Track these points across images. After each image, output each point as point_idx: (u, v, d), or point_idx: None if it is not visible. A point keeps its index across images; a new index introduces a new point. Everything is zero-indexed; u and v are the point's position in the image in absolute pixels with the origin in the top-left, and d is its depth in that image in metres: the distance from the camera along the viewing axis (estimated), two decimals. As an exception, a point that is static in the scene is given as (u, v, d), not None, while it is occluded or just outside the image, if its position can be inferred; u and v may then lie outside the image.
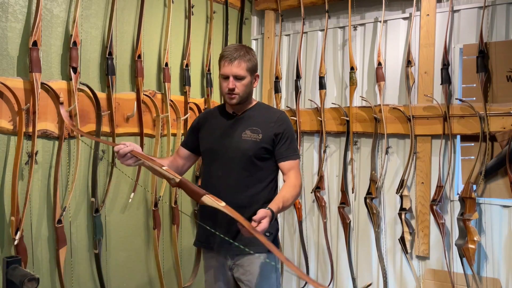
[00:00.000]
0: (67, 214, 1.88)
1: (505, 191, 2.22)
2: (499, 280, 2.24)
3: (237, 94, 1.67)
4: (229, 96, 1.68)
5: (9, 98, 1.63)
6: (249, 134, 1.72)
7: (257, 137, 1.70)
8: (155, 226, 2.27)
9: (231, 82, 1.65)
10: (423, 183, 2.44)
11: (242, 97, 1.69)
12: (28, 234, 1.71)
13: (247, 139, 1.70)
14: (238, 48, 1.70)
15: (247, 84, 1.69)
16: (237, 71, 1.65)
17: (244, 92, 1.69)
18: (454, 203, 2.38)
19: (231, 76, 1.65)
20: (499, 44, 2.25)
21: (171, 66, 2.38)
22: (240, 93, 1.68)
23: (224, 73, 1.68)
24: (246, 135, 1.71)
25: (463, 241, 2.23)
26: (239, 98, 1.69)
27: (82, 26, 1.93)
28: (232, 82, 1.65)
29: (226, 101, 1.73)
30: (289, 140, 1.73)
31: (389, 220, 2.60)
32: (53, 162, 1.82)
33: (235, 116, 1.75)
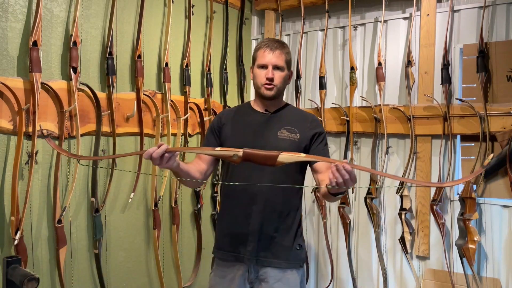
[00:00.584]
0: (67, 214, 1.88)
1: (505, 191, 2.22)
2: (499, 280, 2.24)
3: (275, 86, 1.60)
4: (267, 86, 1.59)
5: (9, 98, 1.63)
6: (286, 133, 1.63)
7: (295, 136, 1.62)
8: (155, 226, 2.27)
9: (271, 71, 1.58)
10: (423, 183, 2.45)
11: (279, 89, 1.62)
12: (28, 234, 1.71)
13: (284, 138, 1.61)
14: (278, 40, 1.66)
15: (285, 77, 1.63)
16: (277, 61, 1.59)
17: (281, 85, 1.62)
18: (454, 203, 2.38)
19: (270, 66, 1.58)
20: (499, 44, 2.25)
21: (171, 66, 2.38)
22: (278, 85, 1.61)
23: (263, 62, 1.60)
24: (282, 134, 1.62)
25: (463, 241, 2.23)
26: (276, 90, 1.61)
27: (82, 26, 1.93)
28: (271, 72, 1.58)
29: (261, 93, 1.63)
30: (325, 141, 1.67)
31: (389, 220, 2.60)
32: (53, 162, 1.82)
33: (268, 114, 1.66)
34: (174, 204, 2.41)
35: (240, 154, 1.30)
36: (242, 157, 1.30)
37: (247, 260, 1.61)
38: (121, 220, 2.15)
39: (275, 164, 1.29)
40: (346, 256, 2.70)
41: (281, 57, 1.60)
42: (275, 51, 1.59)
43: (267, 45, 1.61)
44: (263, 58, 1.60)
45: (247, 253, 1.60)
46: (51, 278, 1.82)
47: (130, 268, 2.20)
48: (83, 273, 1.97)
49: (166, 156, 1.35)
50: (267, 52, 1.60)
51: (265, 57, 1.60)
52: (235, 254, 1.63)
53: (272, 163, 1.29)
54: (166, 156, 1.35)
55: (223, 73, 2.79)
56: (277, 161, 1.28)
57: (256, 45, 1.68)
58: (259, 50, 1.63)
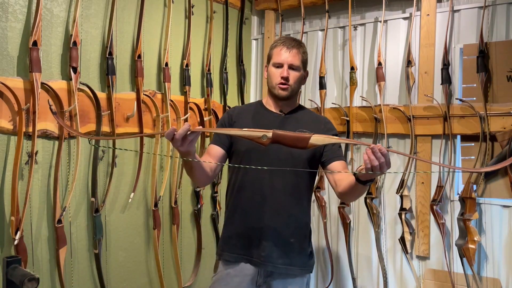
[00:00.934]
0: (67, 214, 1.88)
1: (505, 191, 2.22)
2: (499, 280, 2.24)
3: (289, 86, 1.54)
4: (281, 86, 1.54)
5: (9, 98, 1.63)
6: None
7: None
8: (155, 226, 2.27)
9: (286, 70, 1.53)
10: (423, 183, 2.44)
11: (294, 90, 1.57)
12: (28, 234, 1.71)
13: None
14: (295, 39, 1.61)
15: (300, 77, 1.58)
16: (293, 61, 1.54)
17: (296, 85, 1.57)
18: (454, 203, 2.38)
19: (286, 64, 1.53)
20: (500, 44, 2.25)
21: (171, 66, 2.38)
22: (293, 85, 1.55)
23: (279, 61, 1.55)
24: None
25: (463, 241, 2.23)
26: (291, 91, 1.55)
27: (82, 26, 1.93)
28: (286, 71, 1.53)
29: (275, 93, 1.58)
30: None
31: (389, 220, 2.59)
32: (53, 162, 1.81)
33: (282, 115, 1.61)
34: (174, 204, 2.41)
35: (269, 135, 1.23)
36: (271, 138, 1.24)
37: (258, 263, 1.55)
38: (121, 220, 2.15)
39: (306, 146, 1.22)
40: (346, 256, 2.70)
41: (298, 56, 1.55)
42: (292, 50, 1.54)
43: (283, 44, 1.56)
44: (278, 57, 1.55)
45: (261, 257, 1.54)
46: (51, 278, 1.82)
47: (130, 268, 2.20)
48: (83, 273, 1.97)
49: (188, 138, 1.26)
50: (284, 50, 1.55)
51: (281, 56, 1.55)
52: (247, 257, 1.57)
53: (304, 145, 1.23)
54: (189, 138, 1.26)
55: (223, 73, 2.79)
56: (309, 143, 1.22)
57: (273, 43, 1.63)
58: (275, 48, 1.58)
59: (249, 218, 1.57)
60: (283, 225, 1.56)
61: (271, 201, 1.54)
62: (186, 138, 1.25)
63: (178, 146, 1.26)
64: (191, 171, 1.44)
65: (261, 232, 1.55)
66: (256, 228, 1.55)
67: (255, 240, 1.55)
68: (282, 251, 1.54)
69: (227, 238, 1.64)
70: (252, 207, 1.57)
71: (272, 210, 1.54)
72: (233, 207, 1.63)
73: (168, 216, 2.42)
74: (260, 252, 1.54)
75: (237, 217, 1.61)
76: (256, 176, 1.55)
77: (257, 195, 1.55)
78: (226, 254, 1.62)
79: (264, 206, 1.55)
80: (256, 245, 1.55)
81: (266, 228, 1.54)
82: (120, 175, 2.12)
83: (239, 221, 1.60)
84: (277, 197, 1.54)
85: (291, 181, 1.55)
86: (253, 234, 1.55)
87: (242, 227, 1.58)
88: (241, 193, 1.59)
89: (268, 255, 1.54)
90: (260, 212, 1.56)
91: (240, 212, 1.60)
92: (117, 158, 2.07)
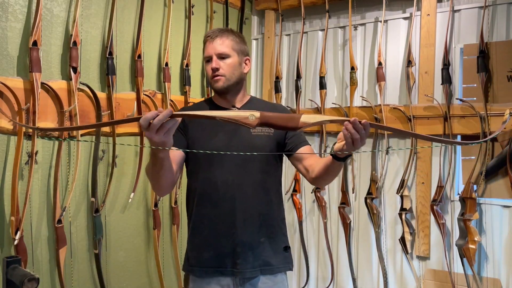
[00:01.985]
0: (67, 214, 1.88)
1: (505, 191, 2.22)
2: (500, 280, 2.24)
3: (222, 76, 1.43)
4: (214, 79, 1.43)
5: (9, 98, 1.63)
6: (259, 128, 1.45)
7: (269, 130, 1.47)
8: (155, 226, 2.27)
9: (214, 61, 1.42)
10: (424, 183, 2.44)
11: (230, 80, 1.44)
12: (28, 234, 1.71)
13: (259, 134, 1.46)
14: (222, 29, 1.51)
15: (234, 64, 1.45)
16: (220, 49, 1.43)
17: (231, 74, 1.44)
18: (455, 203, 2.38)
19: (213, 55, 1.43)
20: (500, 44, 2.25)
21: (171, 66, 2.38)
22: (227, 75, 1.43)
23: (206, 54, 1.45)
24: (256, 130, 1.45)
25: (463, 241, 2.23)
26: (226, 81, 1.43)
27: (82, 26, 1.93)
28: (215, 62, 1.42)
29: (213, 88, 1.47)
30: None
31: (390, 220, 2.59)
32: (53, 162, 1.81)
33: (236, 109, 1.48)
34: (174, 204, 2.41)
35: (257, 115, 1.13)
36: (259, 118, 1.14)
37: (234, 273, 1.44)
38: (121, 220, 2.15)
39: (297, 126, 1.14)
40: (346, 256, 2.69)
41: (225, 43, 1.44)
42: (215, 39, 1.44)
43: (207, 36, 1.46)
44: (206, 51, 1.46)
45: (236, 265, 1.43)
46: (51, 278, 1.82)
47: (130, 268, 2.20)
48: (83, 273, 1.96)
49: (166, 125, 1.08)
50: (208, 42, 1.45)
51: (207, 49, 1.45)
52: (220, 269, 1.45)
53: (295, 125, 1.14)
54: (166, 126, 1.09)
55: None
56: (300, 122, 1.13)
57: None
58: (204, 45, 1.49)
59: (218, 225, 1.45)
60: (256, 226, 1.46)
61: (240, 203, 1.43)
62: (163, 125, 1.08)
63: (153, 134, 1.09)
64: (158, 173, 1.28)
65: (233, 238, 1.43)
66: (228, 235, 1.43)
67: (227, 249, 1.44)
68: (258, 253, 1.45)
69: (195, 251, 1.49)
70: (220, 213, 1.45)
71: (243, 213, 1.44)
72: (198, 216, 1.49)
73: (168, 216, 2.42)
74: (234, 260, 1.43)
75: (204, 226, 1.47)
76: (220, 179, 1.43)
77: (224, 199, 1.43)
78: (196, 269, 1.48)
79: (233, 210, 1.44)
80: (229, 253, 1.43)
81: (239, 233, 1.43)
82: (120, 175, 2.12)
83: (207, 230, 1.46)
84: (246, 198, 1.44)
85: (258, 179, 1.46)
86: (225, 242, 1.44)
87: (212, 236, 1.45)
88: (206, 200, 1.46)
89: (244, 261, 1.43)
90: (230, 217, 1.44)
91: (207, 220, 1.46)
92: (117, 158, 2.07)
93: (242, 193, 1.43)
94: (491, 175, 2.25)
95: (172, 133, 1.12)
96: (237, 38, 1.49)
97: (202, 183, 1.46)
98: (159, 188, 1.39)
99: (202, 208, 1.48)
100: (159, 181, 1.34)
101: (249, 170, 1.44)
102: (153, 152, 1.19)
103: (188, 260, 1.51)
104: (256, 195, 1.46)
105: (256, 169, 1.46)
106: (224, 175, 1.44)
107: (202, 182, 1.46)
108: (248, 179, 1.45)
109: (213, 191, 1.45)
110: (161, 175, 1.30)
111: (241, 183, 1.44)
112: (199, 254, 1.48)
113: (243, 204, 1.44)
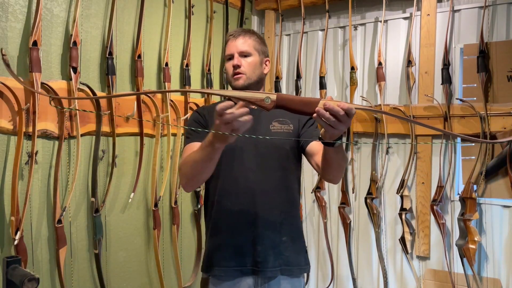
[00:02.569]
0: (67, 214, 1.88)
1: (505, 191, 2.22)
2: (500, 280, 2.24)
3: (243, 74, 1.45)
4: (235, 76, 1.45)
5: (9, 98, 1.63)
6: (278, 125, 1.47)
7: (289, 128, 1.47)
8: (155, 226, 2.27)
9: (236, 58, 1.46)
10: (424, 183, 2.44)
11: (250, 78, 1.46)
12: (28, 234, 1.71)
13: (278, 131, 1.46)
14: (245, 29, 1.56)
15: (255, 63, 1.48)
16: (242, 47, 1.47)
17: (251, 73, 1.46)
18: (455, 203, 2.38)
19: (235, 53, 1.46)
20: (500, 44, 2.25)
21: (171, 66, 2.37)
22: (247, 73, 1.45)
23: (228, 52, 1.49)
24: (275, 127, 1.46)
25: (463, 241, 2.23)
26: (246, 79, 1.45)
27: (82, 25, 1.93)
28: (237, 59, 1.46)
29: (233, 86, 1.49)
30: (315, 124, 1.49)
31: (390, 220, 2.59)
32: (53, 162, 1.81)
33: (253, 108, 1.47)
34: (174, 204, 2.41)
35: (273, 98, 1.09)
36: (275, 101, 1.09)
37: (255, 271, 1.43)
38: (121, 220, 2.15)
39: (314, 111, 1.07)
40: (346, 256, 2.70)
41: (247, 42, 1.48)
42: (238, 38, 1.48)
43: (230, 35, 1.51)
44: (228, 49, 1.49)
45: (257, 264, 1.42)
46: (51, 278, 1.82)
47: (130, 268, 2.20)
48: (83, 273, 1.96)
49: (235, 124, 1.07)
50: (230, 41, 1.49)
51: (230, 47, 1.49)
52: (241, 268, 1.43)
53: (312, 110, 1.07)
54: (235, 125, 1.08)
55: (223, 73, 2.79)
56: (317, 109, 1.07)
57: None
58: (226, 44, 1.52)
59: (239, 223, 1.44)
60: (277, 224, 1.46)
61: (262, 200, 1.43)
62: (233, 123, 1.08)
63: (222, 125, 1.08)
64: (207, 165, 1.27)
65: (254, 236, 1.42)
66: (248, 233, 1.43)
67: (248, 247, 1.43)
68: (278, 252, 1.44)
69: (214, 250, 1.48)
70: (241, 211, 1.44)
71: (264, 211, 1.43)
72: (218, 214, 1.48)
73: (168, 216, 2.42)
74: (255, 259, 1.42)
75: (224, 225, 1.46)
76: (240, 176, 1.43)
77: (244, 196, 1.43)
78: (216, 269, 1.46)
79: (254, 208, 1.43)
80: (249, 252, 1.42)
81: (260, 231, 1.42)
82: (120, 175, 2.12)
83: (227, 229, 1.46)
84: (267, 195, 1.43)
85: (279, 176, 1.45)
86: (245, 241, 1.43)
87: (232, 235, 1.44)
88: (226, 198, 1.46)
89: (265, 259, 1.42)
90: (250, 215, 1.43)
91: (227, 218, 1.46)
92: (117, 158, 2.07)
93: (262, 189, 1.42)
94: (491, 175, 2.25)
95: (240, 132, 1.10)
96: (258, 38, 1.53)
97: (222, 180, 1.45)
98: (197, 181, 1.36)
99: (222, 205, 1.47)
100: (202, 174, 1.32)
101: (270, 167, 1.43)
102: (211, 142, 1.17)
103: (207, 260, 1.50)
104: (276, 192, 1.46)
105: (276, 166, 1.44)
106: (244, 171, 1.43)
107: (223, 179, 1.44)
108: (269, 176, 1.44)
109: (233, 187, 1.44)
110: (208, 167, 1.28)
111: (262, 180, 1.43)
112: (217, 253, 1.46)
113: (264, 200, 1.42)
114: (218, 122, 1.09)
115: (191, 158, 1.31)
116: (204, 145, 1.22)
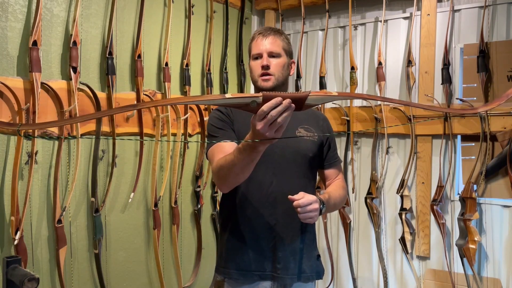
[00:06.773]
0: (67, 214, 1.88)
1: (505, 191, 2.22)
2: (500, 280, 2.24)
3: (272, 75, 1.41)
4: (264, 77, 1.41)
5: (9, 98, 1.63)
6: (304, 132, 1.45)
7: (314, 137, 1.47)
8: (155, 226, 2.27)
9: (265, 58, 1.41)
10: (424, 183, 2.44)
11: (278, 79, 1.42)
12: (28, 234, 1.71)
13: (304, 138, 1.45)
14: (272, 27, 1.50)
15: (284, 65, 1.44)
16: (272, 47, 1.42)
17: (280, 74, 1.43)
18: (455, 203, 2.38)
19: (264, 53, 1.42)
20: (500, 43, 2.25)
21: (171, 66, 2.37)
22: (276, 74, 1.41)
23: (257, 51, 1.43)
24: (301, 133, 1.44)
25: (463, 241, 2.23)
26: (274, 81, 1.41)
27: (82, 25, 1.93)
28: (266, 59, 1.41)
29: (259, 86, 1.44)
30: (334, 141, 1.53)
31: (390, 220, 2.59)
32: (53, 162, 1.81)
33: None
34: (174, 204, 2.41)
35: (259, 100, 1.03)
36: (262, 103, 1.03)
37: (274, 277, 1.42)
38: (121, 220, 2.15)
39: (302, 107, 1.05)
40: (346, 256, 2.69)
41: (276, 42, 1.44)
42: (268, 37, 1.43)
43: (259, 33, 1.46)
44: (255, 47, 1.45)
45: (277, 270, 1.41)
46: (51, 278, 1.82)
47: (130, 268, 2.20)
48: (83, 273, 1.96)
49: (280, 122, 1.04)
50: (260, 39, 1.44)
51: (259, 45, 1.44)
52: (260, 273, 1.42)
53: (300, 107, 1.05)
54: (280, 122, 1.04)
55: (223, 73, 2.79)
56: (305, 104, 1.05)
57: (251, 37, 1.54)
58: (253, 41, 1.48)
59: (260, 228, 1.42)
60: (297, 231, 1.45)
61: (283, 206, 1.40)
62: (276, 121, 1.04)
63: (266, 128, 1.04)
64: (249, 167, 1.23)
65: (274, 242, 1.42)
66: (269, 238, 1.41)
67: (268, 252, 1.42)
68: (298, 259, 1.45)
69: (232, 253, 1.45)
70: (263, 216, 1.42)
71: (286, 216, 1.42)
72: (238, 216, 1.46)
73: (168, 216, 2.42)
74: (275, 265, 1.41)
75: (244, 227, 1.44)
76: (263, 181, 1.42)
77: (268, 201, 1.42)
78: (233, 272, 1.44)
79: (276, 213, 1.42)
80: (269, 257, 1.41)
81: (280, 237, 1.42)
82: (120, 175, 2.11)
83: (247, 232, 1.44)
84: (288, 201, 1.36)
85: (299, 183, 1.44)
86: (266, 246, 1.42)
87: (252, 238, 1.43)
88: (247, 201, 1.44)
89: (285, 266, 1.42)
90: (271, 219, 1.42)
91: (248, 221, 1.44)
92: (117, 158, 2.07)
93: (284, 195, 1.37)
94: (491, 175, 2.25)
95: (283, 129, 1.06)
96: (286, 39, 1.50)
97: (246, 182, 1.37)
98: (235, 182, 1.33)
99: (244, 209, 1.45)
100: (242, 176, 1.29)
101: (292, 173, 1.42)
102: (253, 145, 1.12)
103: (224, 263, 1.47)
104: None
105: (299, 173, 1.44)
106: (267, 175, 1.42)
107: (247, 181, 1.36)
108: (291, 183, 1.42)
109: (255, 191, 1.43)
110: (249, 169, 1.25)
111: (284, 186, 1.41)
112: (236, 256, 1.44)
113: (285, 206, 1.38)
114: (262, 125, 1.03)
115: (229, 161, 1.26)
116: (244, 148, 1.18)
